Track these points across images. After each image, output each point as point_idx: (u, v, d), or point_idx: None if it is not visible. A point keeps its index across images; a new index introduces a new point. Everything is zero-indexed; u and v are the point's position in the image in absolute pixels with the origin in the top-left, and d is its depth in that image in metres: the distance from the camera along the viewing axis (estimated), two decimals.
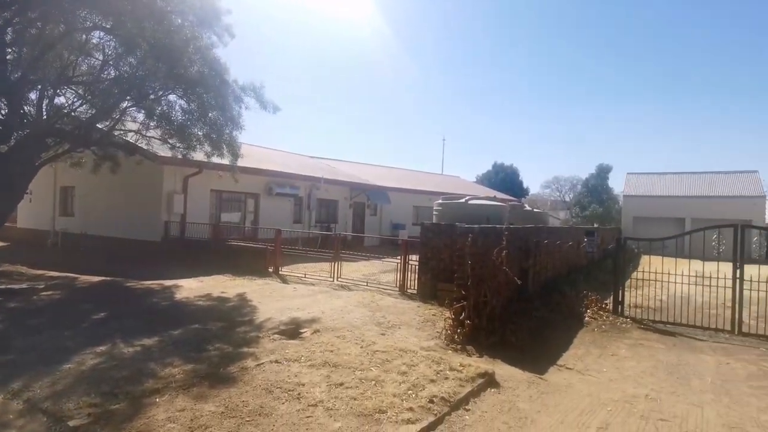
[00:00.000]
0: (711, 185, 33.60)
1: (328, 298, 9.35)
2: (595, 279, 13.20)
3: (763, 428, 4.46)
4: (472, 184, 41.86)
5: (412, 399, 4.45)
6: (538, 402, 4.85)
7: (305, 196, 21.03)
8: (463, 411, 4.49)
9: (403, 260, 10.61)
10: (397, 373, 5.13)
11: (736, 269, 8.60)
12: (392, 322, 7.72)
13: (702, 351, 7.19)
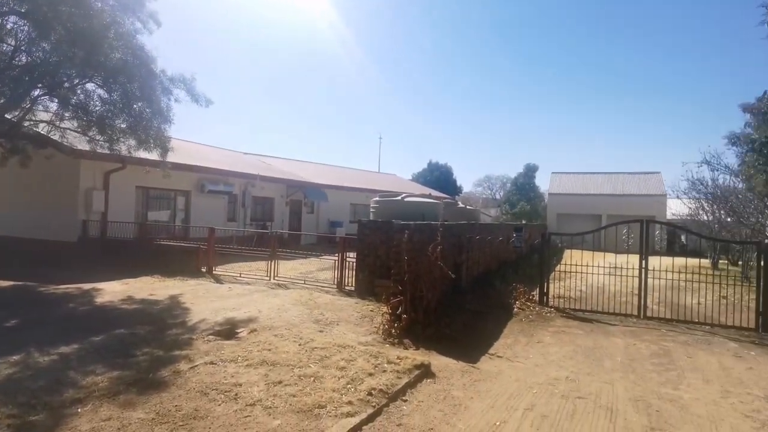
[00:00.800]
0: (623, 185, 36.73)
1: (265, 297, 9.19)
2: (523, 272, 14.01)
3: (661, 398, 5.02)
4: (408, 182, 42.65)
5: (351, 393, 4.52)
6: (471, 389, 5.11)
7: (240, 193, 20.40)
8: (401, 402, 4.64)
9: (340, 257, 10.65)
10: (336, 368, 5.18)
11: (642, 260, 9.52)
12: (330, 319, 7.75)
13: (614, 335, 7.90)
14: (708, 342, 7.65)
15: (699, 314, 9.53)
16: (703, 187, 17.86)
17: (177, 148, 13.47)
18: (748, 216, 14.86)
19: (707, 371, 6.10)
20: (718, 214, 18.22)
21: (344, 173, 33.89)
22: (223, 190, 19.00)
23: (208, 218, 17.26)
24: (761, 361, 6.66)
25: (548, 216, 36.97)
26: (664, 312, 9.83)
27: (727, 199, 15.91)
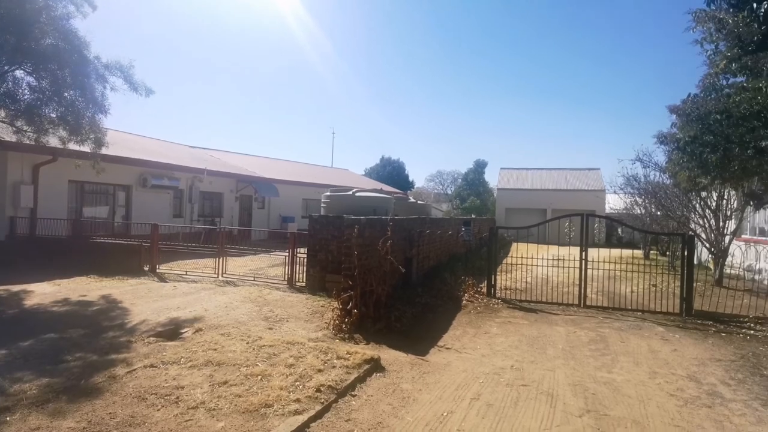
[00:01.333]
0: (566, 180, 38.49)
1: (212, 295, 8.89)
2: (473, 265, 14.36)
3: (597, 382, 5.31)
4: (360, 177, 42.61)
5: (299, 390, 4.47)
6: (420, 381, 5.19)
7: (186, 188, 19.61)
8: (350, 397, 4.63)
9: (291, 253, 10.49)
10: (284, 366, 5.10)
11: (582, 252, 10.02)
12: (280, 316, 7.62)
13: (557, 324, 8.28)
14: (639, 327, 8.18)
15: (632, 302, 10.18)
16: (636, 183, 19.01)
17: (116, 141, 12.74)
18: (674, 210, 15.99)
19: (638, 354, 6.52)
20: (650, 208, 19.47)
21: (296, 168, 33.38)
22: (168, 185, 18.19)
23: (152, 214, 16.47)
24: (684, 344, 7.20)
25: (497, 210, 38.13)
26: (602, 301, 10.41)
27: (656, 194, 17.03)
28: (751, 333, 8.04)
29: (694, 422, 4.35)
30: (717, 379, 5.62)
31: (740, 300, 10.01)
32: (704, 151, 7.90)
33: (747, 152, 7.68)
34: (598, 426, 4.18)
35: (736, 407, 4.74)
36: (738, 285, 12.71)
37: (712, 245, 13.95)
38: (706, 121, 7.47)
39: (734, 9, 5.67)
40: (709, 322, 8.69)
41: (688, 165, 8.26)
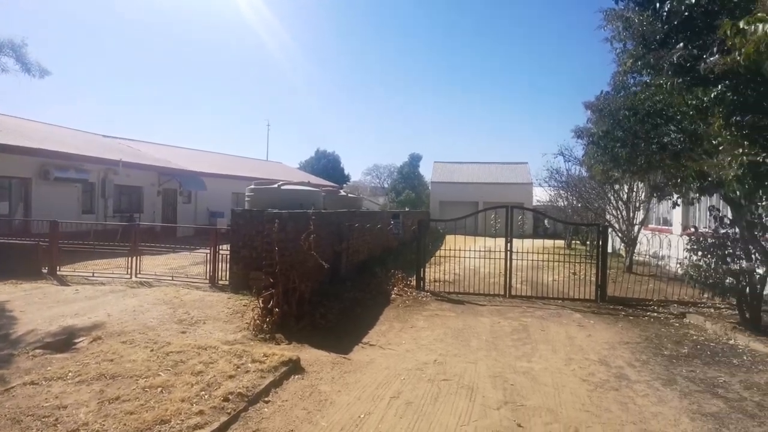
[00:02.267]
0: (496, 174, 39.93)
1: (121, 298, 8.13)
2: (404, 259, 14.38)
3: (516, 372, 5.38)
4: (294, 170, 41.62)
5: (204, 401, 4.09)
6: (340, 382, 4.98)
7: (99, 181, 18.00)
8: (263, 404, 4.32)
9: (213, 250, 9.89)
10: (190, 374, 4.68)
11: (507, 243, 10.28)
12: (197, 318, 7.11)
13: (482, 315, 8.41)
14: (559, 315, 8.50)
15: (554, 290, 10.61)
16: (558, 176, 20.03)
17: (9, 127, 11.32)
18: (592, 201, 17.00)
19: (556, 342, 6.74)
20: (571, 200, 20.59)
21: (227, 161, 31.87)
22: (76, 178, 16.56)
23: (57, 210, 14.91)
24: (598, 329, 7.56)
25: (431, 203, 38.79)
26: (527, 290, 10.77)
27: (577, 187, 18.02)
28: (655, 315, 8.62)
29: (603, 406, 4.49)
30: (624, 361, 5.91)
31: (647, 285, 10.76)
32: (615, 146, 8.34)
33: (652, 147, 8.19)
34: (514, 417, 4.19)
35: (639, 388, 4.98)
36: (645, 271, 13.72)
37: (624, 235, 14.96)
38: (617, 117, 7.89)
39: (640, 8, 5.94)
40: (620, 307, 9.23)
41: (601, 159, 8.69)
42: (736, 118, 5.10)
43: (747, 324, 7.44)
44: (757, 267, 7.27)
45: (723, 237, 7.62)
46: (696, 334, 7.38)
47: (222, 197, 25.12)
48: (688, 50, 5.17)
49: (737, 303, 7.71)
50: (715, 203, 8.14)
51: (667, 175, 7.94)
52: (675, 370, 5.64)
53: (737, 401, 4.71)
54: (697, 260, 8.04)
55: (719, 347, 6.68)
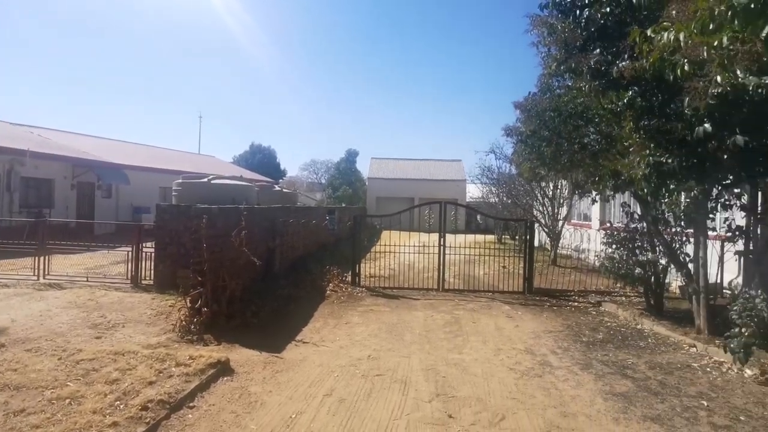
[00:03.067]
0: (432, 170, 40.83)
1: (26, 303, 7.39)
2: (341, 254, 14.30)
3: (448, 364, 5.52)
4: (227, 164, 40.02)
5: (119, 411, 3.80)
6: (271, 382, 4.84)
7: (3, 173, 16.23)
8: (187, 410, 4.09)
9: (135, 248, 9.27)
10: (104, 383, 4.33)
11: (441, 239, 10.53)
12: (115, 321, 6.62)
13: (416, 309, 8.55)
14: (489, 307, 8.84)
15: (485, 283, 11.02)
16: (490, 174, 20.85)
17: None
18: (521, 198, 17.88)
19: (486, 333, 6.99)
20: (502, 196, 21.52)
21: (153, 153, 29.95)
22: None
23: None
24: (525, 319, 7.96)
25: (368, 199, 38.94)
26: (459, 284, 11.10)
27: (507, 184, 18.87)
28: (575, 305, 9.23)
29: (528, 392, 4.72)
30: (548, 349, 6.25)
31: (569, 276, 11.49)
32: (541, 145, 8.80)
33: (574, 147, 8.72)
34: (445, 409, 4.29)
35: (560, 374, 5.29)
36: (568, 263, 14.65)
37: (549, 229, 15.87)
38: (543, 117, 8.33)
39: (562, 15, 6.29)
40: (545, 298, 9.78)
41: (529, 157, 9.14)
42: (643, 122, 5.55)
43: (652, 310, 8.16)
44: (661, 258, 7.97)
45: (633, 231, 8.29)
46: (610, 321, 7.98)
47: (147, 192, 23.57)
48: (604, 56, 5.58)
49: (644, 291, 8.44)
50: (626, 200, 8.82)
51: (587, 173, 8.49)
52: (591, 354, 6.05)
53: (643, 380, 5.14)
54: (611, 253, 8.69)
55: (629, 332, 7.26)
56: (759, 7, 2.41)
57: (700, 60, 3.28)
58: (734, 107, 4.24)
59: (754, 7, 2.46)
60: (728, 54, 2.99)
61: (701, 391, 4.89)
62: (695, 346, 6.44)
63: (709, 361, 5.87)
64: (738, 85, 3.77)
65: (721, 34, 2.76)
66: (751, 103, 4.17)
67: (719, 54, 2.98)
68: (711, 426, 4.12)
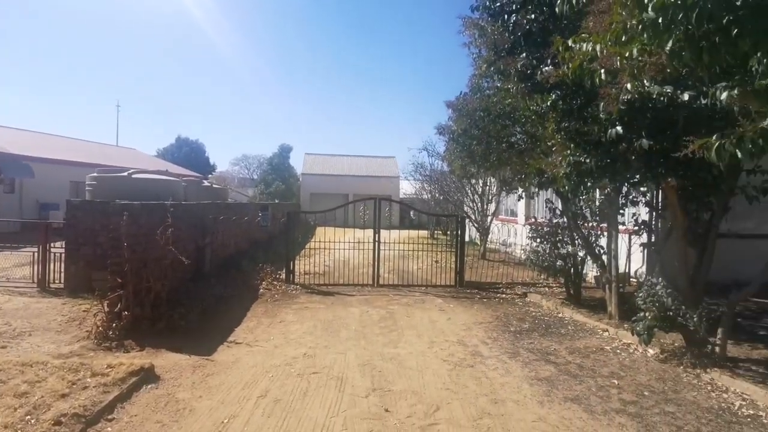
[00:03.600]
0: (366, 167, 40.99)
1: None
2: (274, 251, 13.98)
3: (384, 359, 5.59)
4: (151, 158, 37.60)
5: (30, 426, 3.45)
6: (201, 387, 4.62)
7: None
8: (106, 422, 3.80)
9: (42, 248, 8.47)
10: (12, 396, 3.92)
11: (376, 234, 10.61)
12: (20, 330, 6.02)
13: (352, 305, 8.56)
14: (423, 301, 9.06)
15: (418, 278, 11.27)
16: (423, 170, 21.33)
17: None
18: (452, 194, 18.47)
19: (420, 327, 7.16)
20: (434, 193, 22.10)
21: (63, 144, 27.38)
22: None
23: None
24: (457, 312, 8.24)
25: (302, 195, 38.33)
26: (394, 279, 11.26)
27: (439, 181, 19.41)
28: (503, 296, 9.71)
29: (461, 383, 4.89)
30: (479, 340, 6.53)
31: (498, 269, 12.06)
32: (472, 143, 9.14)
33: (502, 145, 9.15)
34: (382, 403, 4.34)
35: (491, 363, 5.54)
36: (496, 257, 15.37)
37: (479, 225, 16.54)
38: (474, 117, 8.65)
39: (492, 18, 6.56)
40: (475, 290, 10.19)
41: (460, 155, 9.45)
42: (564, 124, 5.95)
43: (571, 299, 8.78)
44: (579, 251, 8.60)
45: (555, 226, 8.87)
46: (535, 311, 8.48)
47: (57, 186, 21.51)
48: (529, 60, 5.90)
49: (564, 282, 9.06)
50: (550, 197, 9.40)
51: (514, 171, 8.94)
52: (519, 343, 6.40)
53: (564, 365, 5.53)
54: (536, 246, 9.24)
55: (552, 320, 7.77)
56: (665, 22, 2.66)
57: (614, 69, 3.57)
58: (640, 113, 4.67)
59: (661, 23, 2.71)
60: (638, 64, 3.29)
61: (613, 371, 5.35)
62: (608, 331, 7.02)
63: (619, 344, 6.43)
64: (644, 93, 4.14)
65: (631, 45, 3.03)
66: (655, 110, 4.62)
67: (630, 64, 3.27)
68: (621, 402, 4.52)
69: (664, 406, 4.45)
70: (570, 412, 4.27)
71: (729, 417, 4.27)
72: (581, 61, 3.67)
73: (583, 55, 3.49)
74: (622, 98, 4.23)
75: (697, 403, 4.56)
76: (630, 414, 4.27)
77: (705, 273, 5.86)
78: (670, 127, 4.83)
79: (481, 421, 4.04)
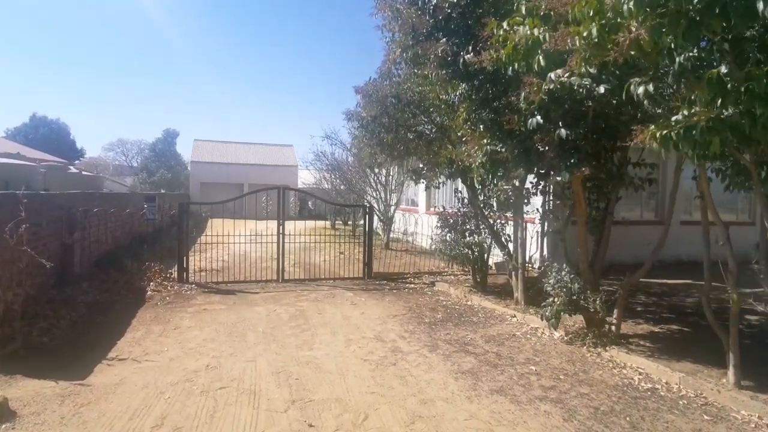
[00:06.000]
0: (261, 155, 39.10)
1: None
2: (163, 247, 12.51)
3: (300, 363, 5.09)
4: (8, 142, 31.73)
5: None
6: (74, 421, 3.72)
7: None
8: None
9: None
10: None
11: (280, 226, 9.92)
12: None
13: (257, 304, 7.85)
14: (333, 296, 8.64)
15: (325, 271, 10.83)
16: (325, 159, 20.74)
17: None
18: (355, 184, 18.21)
19: (334, 324, 6.75)
20: (336, 182, 21.64)
21: None
22: None
23: None
24: (369, 305, 7.98)
25: (191, 185, 35.41)
26: (299, 273, 10.67)
27: (341, 170, 19.00)
28: (412, 286, 9.69)
29: (386, 384, 4.60)
30: (396, 334, 6.31)
31: (403, 259, 12.09)
32: (381, 131, 8.87)
33: (410, 135, 9.03)
34: (304, 417, 3.87)
35: (412, 359, 5.34)
36: (399, 246, 15.50)
37: (382, 215, 16.51)
38: (384, 103, 8.38)
39: (408, 1, 6.29)
40: (384, 282, 10.04)
41: (369, 143, 9.14)
42: (481, 113, 5.92)
43: (478, 287, 9.02)
44: (485, 240, 8.85)
45: (464, 215, 9.01)
46: (444, 300, 8.55)
47: None
48: (450, 46, 5.75)
49: (471, 270, 9.28)
50: (457, 187, 9.52)
51: (424, 160, 8.88)
52: (436, 335, 6.31)
53: (483, 355, 5.54)
54: (443, 235, 9.34)
55: (462, 309, 7.87)
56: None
57: (565, 50, 3.46)
58: (559, 104, 4.75)
59: None
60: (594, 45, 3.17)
61: (528, 358, 5.47)
62: (515, 316, 7.28)
63: (528, 329, 6.68)
64: (566, 84, 4.18)
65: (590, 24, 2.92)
66: (572, 101, 4.73)
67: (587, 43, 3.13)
68: (541, 389, 4.59)
69: (579, 388, 4.61)
70: (498, 405, 4.21)
71: (633, 393, 4.55)
72: (516, 45, 3.53)
73: (521, 37, 3.34)
74: (545, 88, 4.21)
75: (605, 381, 4.81)
76: (552, 400, 4.33)
77: (602, 257, 6.28)
78: (584, 118, 4.99)
79: (413, 426, 3.78)
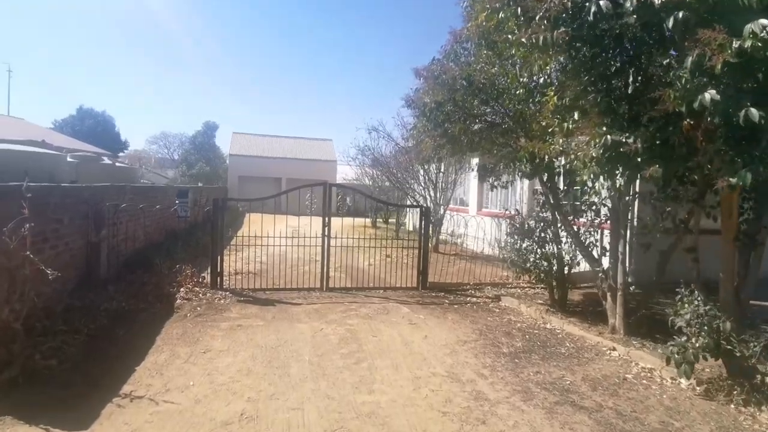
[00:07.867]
0: (300, 149, 38.46)
1: None
2: (198, 244, 11.69)
3: (360, 415, 3.89)
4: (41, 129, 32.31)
5: None
6: None
7: None
8: None
9: None
10: None
11: (325, 227, 8.79)
12: None
13: (300, 320, 6.73)
14: (386, 310, 7.43)
15: (373, 277, 9.62)
16: (370, 153, 19.59)
17: None
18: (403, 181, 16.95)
19: (393, 351, 5.54)
20: (380, 178, 20.46)
21: None
22: None
23: None
24: (431, 325, 6.72)
25: (229, 178, 35.15)
26: (344, 279, 9.53)
27: (388, 165, 17.80)
28: (474, 300, 8.38)
29: None
30: (473, 371, 5.03)
31: (456, 265, 10.76)
32: (446, 120, 7.58)
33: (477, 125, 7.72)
34: None
35: (505, 414, 4.05)
36: (448, 249, 14.15)
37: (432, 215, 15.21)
38: (453, 87, 7.06)
39: None
40: (441, 294, 8.76)
41: (432, 134, 7.88)
42: (595, 91, 4.56)
43: (556, 305, 7.60)
44: (570, 250, 7.43)
45: (543, 221, 7.61)
46: (517, 320, 7.20)
47: None
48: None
49: (547, 285, 7.86)
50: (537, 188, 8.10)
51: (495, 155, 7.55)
52: (523, 374, 5.00)
53: (597, 411, 4.18)
54: (514, 243, 7.97)
55: (543, 334, 6.50)
56: None
57: None
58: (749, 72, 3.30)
59: None
60: None
61: (663, 420, 4.08)
62: (615, 349, 5.87)
63: (639, 370, 5.26)
64: None
65: None
66: None
67: None
68: None
69: None
70: None
71: None
72: None
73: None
74: (737, 46, 2.82)
75: None
76: None
77: (752, 284, 4.79)
78: None
79: None
